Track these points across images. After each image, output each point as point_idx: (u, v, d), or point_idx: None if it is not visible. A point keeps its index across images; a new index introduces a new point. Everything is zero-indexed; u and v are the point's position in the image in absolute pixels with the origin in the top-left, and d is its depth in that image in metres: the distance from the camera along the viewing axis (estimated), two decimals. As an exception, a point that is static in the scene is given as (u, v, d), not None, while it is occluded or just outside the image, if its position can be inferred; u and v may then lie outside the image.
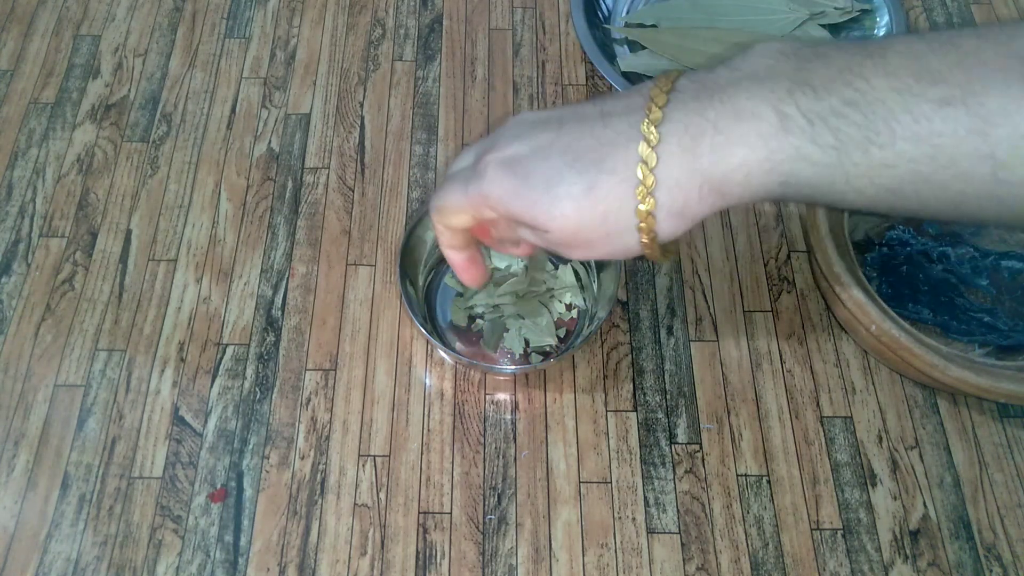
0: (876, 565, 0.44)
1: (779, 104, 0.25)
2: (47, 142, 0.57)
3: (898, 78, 0.24)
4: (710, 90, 0.27)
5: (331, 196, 0.55)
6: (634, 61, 0.61)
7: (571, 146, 0.28)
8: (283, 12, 0.63)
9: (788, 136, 0.25)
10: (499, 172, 0.29)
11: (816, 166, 0.25)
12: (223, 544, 0.44)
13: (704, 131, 0.26)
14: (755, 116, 0.25)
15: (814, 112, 0.25)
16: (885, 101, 0.24)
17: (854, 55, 0.25)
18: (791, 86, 0.25)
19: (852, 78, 0.25)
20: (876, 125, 0.24)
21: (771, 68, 0.26)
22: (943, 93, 0.24)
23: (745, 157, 0.26)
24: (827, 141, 0.25)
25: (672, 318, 0.51)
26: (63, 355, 0.49)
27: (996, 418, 0.48)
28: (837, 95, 0.25)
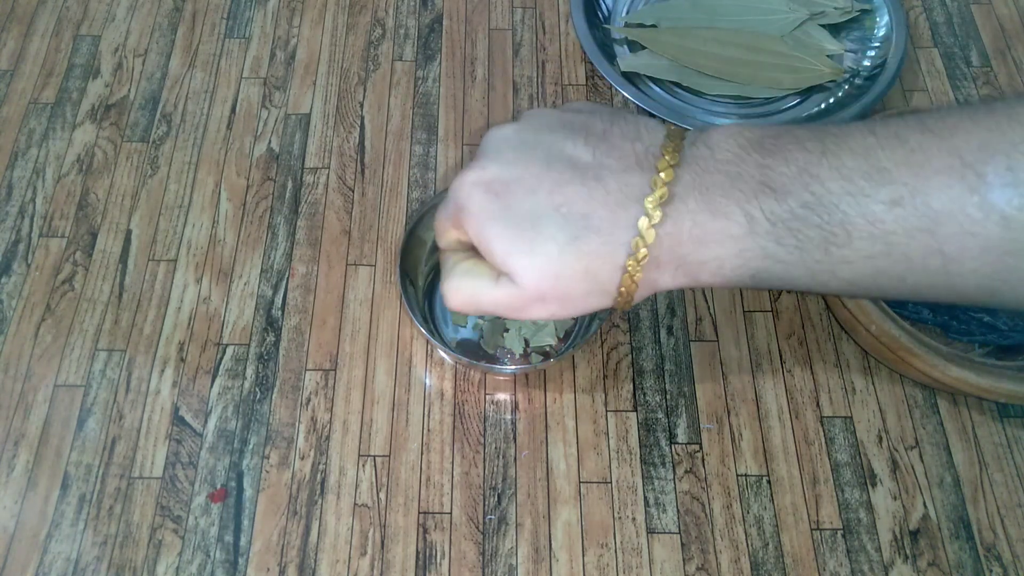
0: (876, 565, 0.44)
1: (746, 205, 0.27)
2: (47, 142, 0.57)
3: (851, 181, 0.26)
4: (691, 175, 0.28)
5: (331, 196, 0.55)
6: (634, 61, 0.61)
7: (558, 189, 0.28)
8: (283, 12, 0.63)
9: (755, 237, 0.27)
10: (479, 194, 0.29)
11: (781, 263, 0.27)
12: (223, 544, 0.44)
13: (685, 222, 0.27)
14: (727, 216, 0.27)
15: (776, 215, 0.27)
16: (839, 205, 0.26)
17: (811, 153, 0.27)
18: (756, 187, 0.27)
19: (809, 180, 0.26)
20: (833, 227, 0.26)
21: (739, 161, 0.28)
22: (892, 194, 0.25)
23: (718, 253, 0.28)
24: (789, 242, 0.27)
25: (672, 318, 0.51)
26: (63, 355, 0.49)
27: (996, 418, 0.48)
28: (796, 198, 0.26)
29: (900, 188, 0.25)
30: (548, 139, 0.30)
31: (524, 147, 0.30)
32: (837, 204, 0.26)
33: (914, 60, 0.62)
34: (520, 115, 0.33)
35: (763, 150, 0.28)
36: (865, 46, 0.61)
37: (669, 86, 0.61)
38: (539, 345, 0.49)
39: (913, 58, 0.62)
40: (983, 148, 0.25)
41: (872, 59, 0.60)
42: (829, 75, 0.59)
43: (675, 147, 0.28)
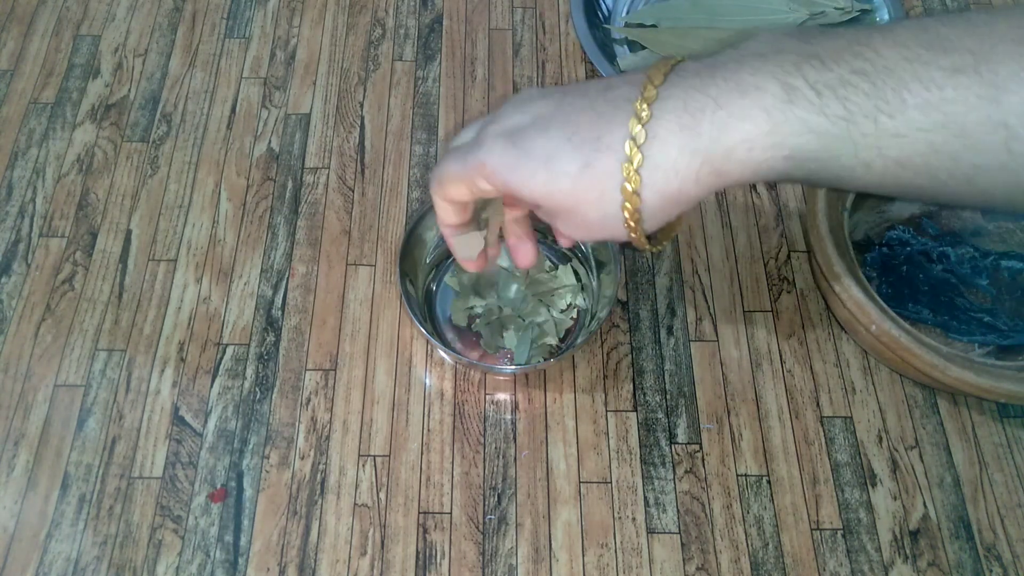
0: (876, 565, 0.44)
1: (785, 77, 0.25)
2: (47, 142, 0.57)
3: (908, 48, 0.24)
4: (712, 68, 0.26)
5: (331, 196, 0.55)
6: (634, 61, 0.61)
7: (570, 119, 0.27)
8: (283, 12, 0.63)
9: (794, 108, 0.25)
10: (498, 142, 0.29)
11: (823, 138, 0.25)
12: (223, 544, 0.44)
13: (704, 107, 0.25)
14: (759, 89, 0.25)
15: (822, 83, 0.24)
16: (895, 70, 0.24)
17: (862, 30, 0.25)
18: (798, 60, 0.25)
19: (861, 48, 0.24)
20: (886, 94, 0.24)
21: (777, 45, 0.26)
22: (955, 61, 0.23)
23: (748, 131, 0.25)
24: (835, 111, 0.24)
25: (672, 318, 0.51)
26: (63, 355, 0.49)
27: (996, 418, 0.48)
28: (846, 65, 0.24)
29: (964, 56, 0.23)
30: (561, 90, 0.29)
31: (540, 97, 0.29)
32: (892, 69, 0.24)
33: (914, 60, 0.62)
34: None
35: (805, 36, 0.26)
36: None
37: (669, 86, 0.61)
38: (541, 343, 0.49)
39: (913, 58, 0.62)
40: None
41: (872, 59, 0.60)
42: (829, 75, 0.59)
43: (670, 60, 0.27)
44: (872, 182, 0.26)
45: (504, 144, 0.28)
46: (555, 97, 0.29)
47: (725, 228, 0.54)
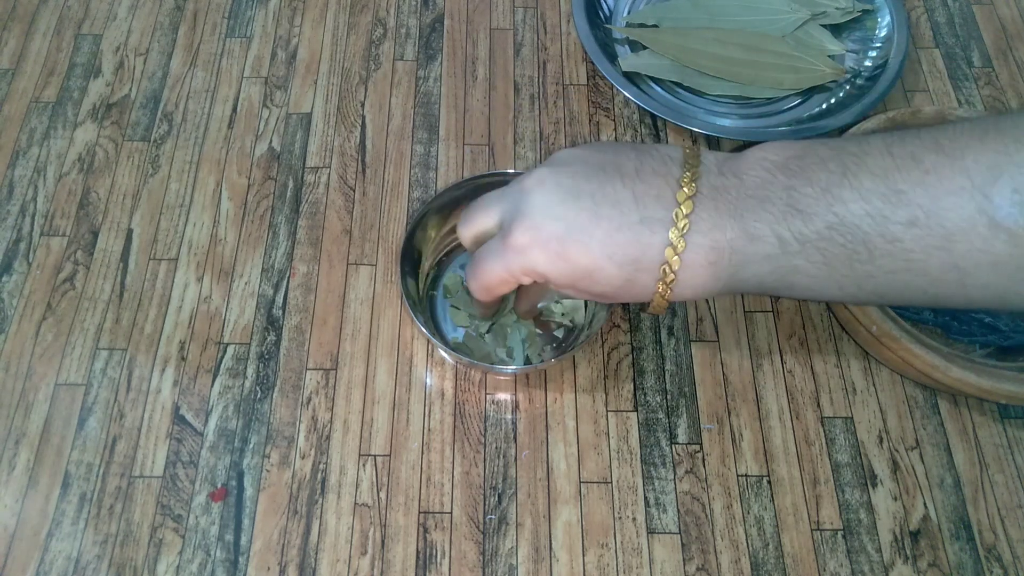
0: (876, 566, 0.44)
1: (778, 227, 0.30)
2: (48, 141, 0.57)
3: (869, 202, 0.28)
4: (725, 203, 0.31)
5: (332, 196, 0.55)
6: (635, 61, 0.61)
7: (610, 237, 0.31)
8: (284, 11, 0.63)
9: (788, 257, 0.30)
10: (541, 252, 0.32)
11: (812, 278, 0.30)
12: (223, 543, 0.44)
13: (723, 248, 0.31)
14: (762, 239, 0.30)
15: (804, 236, 0.29)
16: (860, 226, 0.28)
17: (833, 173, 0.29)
18: (785, 209, 0.29)
19: (832, 201, 0.29)
20: (856, 246, 0.29)
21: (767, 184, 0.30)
22: (909, 215, 0.27)
23: (757, 271, 0.31)
24: (818, 259, 0.29)
25: (673, 318, 0.51)
26: (64, 354, 0.49)
27: (997, 419, 0.48)
28: (821, 219, 0.29)
29: (915, 210, 0.27)
30: (589, 188, 0.32)
31: (571, 199, 0.32)
32: (859, 225, 0.28)
33: (915, 60, 0.62)
34: (550, 159, 0.35)
35: (788, 171, 0.30)
36: (866, 46, 0.61)
37: (670, 86, 0.61)
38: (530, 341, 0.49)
39: (915, 58, 0.62)
40: (991, 169, 0.26)
41: (873, 59, 0.60)
42: (830, 75, 0.59)
43: (692, 176, 0.31)
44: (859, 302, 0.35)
45: (547, 256, 0.32)
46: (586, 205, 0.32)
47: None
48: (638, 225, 0.31)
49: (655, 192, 0.31)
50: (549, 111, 0.59)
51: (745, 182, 0.31)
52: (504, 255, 0.34)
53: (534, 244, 0.32)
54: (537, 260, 0.32)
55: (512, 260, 0.33)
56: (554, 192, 0.32)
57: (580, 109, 0.59)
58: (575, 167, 0.33)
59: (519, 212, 0.33)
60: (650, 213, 0.31)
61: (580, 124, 0.59)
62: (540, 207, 0.32)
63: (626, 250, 0.31)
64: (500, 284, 0.35)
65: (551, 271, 0.33)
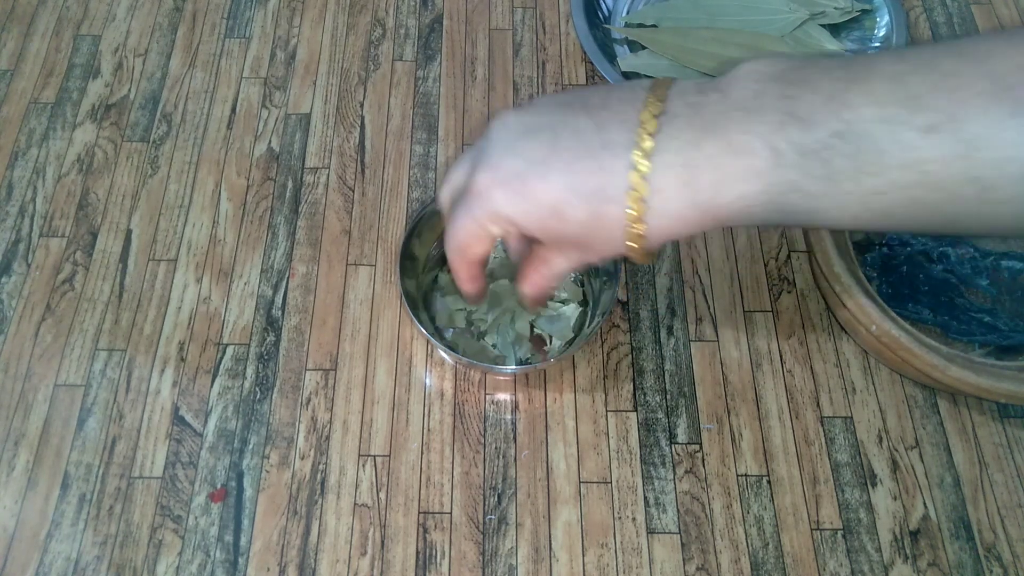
0: (876, 565, 0.44)
1: (771, 138, 0.26)
2: (47, 142, 0.57)
3: (883, 107, 0.25)
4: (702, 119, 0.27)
5: (331, 196, 0.55)
6: (634, 61, 0.61)
7: (570, 167, 0.29)
8: (283, 12, 0.63)
9: (782, 170, 0.26)
10: (501, 192, 0.30)
11: (810, 196, 0.26)
12: (223, 544, 0.44)
13: (701, 165, 0.27)
14: (750, 152, 0.26)
15: (805, 146, 0.26)
16: (872, 132, 0.25)
17: (839, 80, 0.26)
18: (781, 118, 0.26)
19: (839, 107, 0.25)
20: (866, 155, 0.25)
21: (758, 95, 0.27)
22: (927, 120, 0.25)
23: (743, 191, 0.27)
24: (819, 173, 0.26)
25: (672, 318, 0.51)
26: (63, 355, 0.49)
27: (996, 418, 0.48)
28: (826, 127, 0.25)
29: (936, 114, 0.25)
30: (550, 120, 0.30)
31: (530, 133, 0.30)
32: (870, 132, 0.25)
33: (914, 60, 0.62)
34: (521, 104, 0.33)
35: (785, 82, 0.27)
36: (865, 46, 0.61)
37: (669, 86, 0.61)
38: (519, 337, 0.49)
39: (913, 58, 0.62)
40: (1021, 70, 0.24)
41: (872, 59, 0.60)
42: (829, 75, 0.59)
43: (658, 96, 0.28)
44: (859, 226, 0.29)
45: (508, 194, 0.30)
46: (545, 137, 0.30)
47: (725, 229, 0.54)
48: (599, 150, 0.28)
49: (619, 118, 0.29)
50: (548, 111, 0.59)
51: (730, 95, 0.28)
52: (469, 205, 0.31)
53: (495, 184, 0.30)
54: (499, 201, 0.30)
55: (476, 207, 0.31)
56: (513, 130, 0.30)
57: (579, 109, 0.59)
58: (538, 106, 0.31)
59: (481, 157, 0.31)
60: (612, 137, 0.28)
61: (579, 124, 0.59)
62: (499, 145, 0.30)
63: (587, 179, 0.28)
64: (472, 240, 0.32)
65: (515, 212, 0.30)
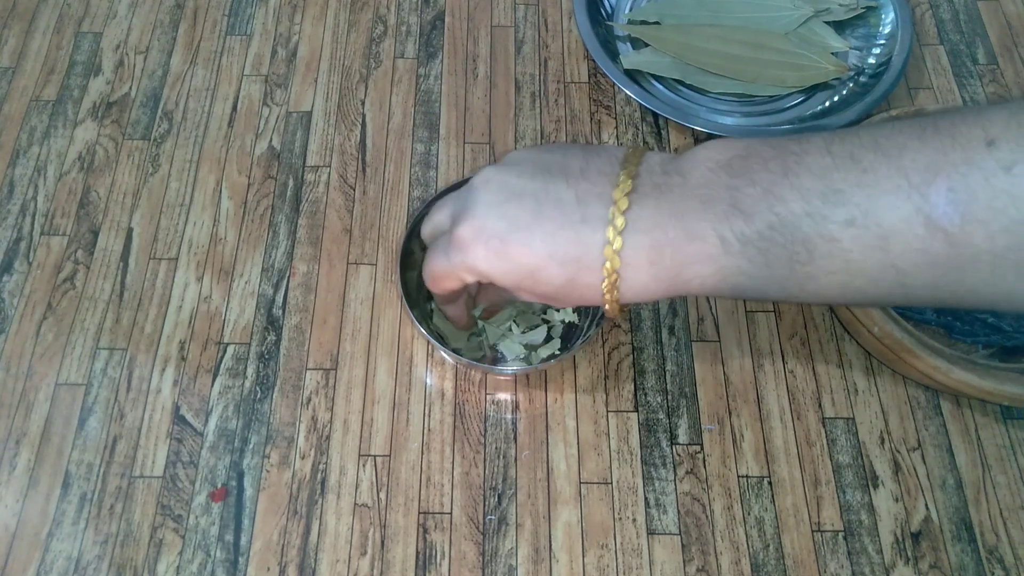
0: (877, 567, 0.44)
1: (719, 228, 0.29)
2: (48, 140, 0.57)
3: (809, 202, 0.28)
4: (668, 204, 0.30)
5: (332, 195, 0.55)
6: (637, 58, 0.60)
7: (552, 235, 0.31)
8: (284, 9, 0.63)
9: (730, 257, 0.29)
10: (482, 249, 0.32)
11: (753, 279, 0.30)
12: (223, 543, 0.44)
13: (664, 247, 0.30)
14: (703, 239, 0.29)
15: (745, 236, 0.29)
16: (800, 226, 0.28)
17: (774, 173, 0.29)
18: (727, 209, 0.29)
19: (773, 201, 0.28)
20: (795, 247, 0.28)
21: (710, 184, 0.30)
22: (847, 215, 0.27)
23: (699, 271, 0.30)
24: (759, 260, 0.29)
25: (674, 318, 0.51)
26: (64, 354, 0.49)
27: (999, 420, 0.48)
28: (762, 219, 0.28)
29: (853, 209, 0.27)
30: (532, 187, 0.32)
31: (514, 197, 0.32)
32: (798, 225, 0.28)
33: (920, 58, 0.62)
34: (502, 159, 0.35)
35: (731, 171, 0.30)
36: (870, 43, 0.60)
37: (672, 84, 0.60)
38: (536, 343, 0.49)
39: (919, 56, 0.62)
40: (928, 169, 0.26)
41: (877, 56, 0.59)
42: (834, 73, 0.59)
43: (629, 173, 0.31)
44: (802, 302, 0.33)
45: (488, 254, 0.32)
46: (528, 204, 0.32)
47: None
48: (579, 224, 0.31)
49: (598, 191, 0.31)
50: (550, 109, 0.59)
51: (689, 181, 0.31)
52: (448, 250, 0.34)
53: (476, 241, 0.32)
54: (478, 257, 0.32)
55: (455, 255, 0.33)
56: (499, 191, 0.32)
57: (581, 107, 0.59)
58: (522, 167, 0.33)
59: (464, 209, 0.33)
60: (591, 212, 0.31)
61: (581, 122, 0.58)
62: (484, 205, 0.32)
63: (567, 248, 0.31)
64: (445, 278, 0.35)
65: (493, 270, 0.32)
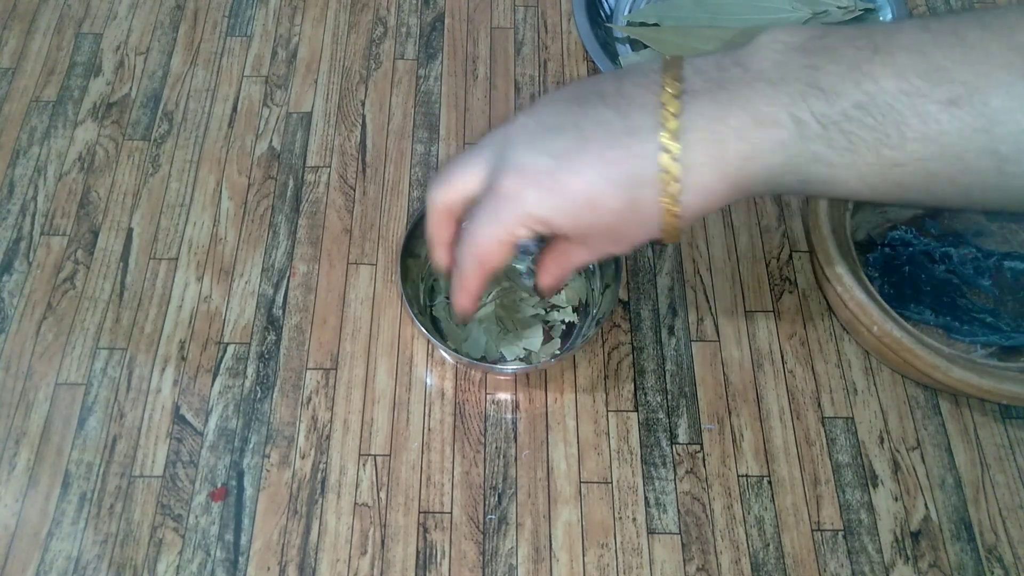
0: (877, 566, 0.44)
1: (794, 109, 0.26)
2: (49, 140, 0.57)
3: (905, 79, 0.25)
4: (726, 93, 0.28)
5: (332, 195, 0.55)
6: (636, 60, 0.60)
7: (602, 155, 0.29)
8: (285, 10, 0.63)
9: (805, 142, 0.27)
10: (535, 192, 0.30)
11: (832, 167, 0.27)
12: (223, 543, 0.44)
13: (727, 139, 0.27)
14: (775, 123, 0.27)
15: (827, 117, 0.26)
16: (894, 104, 0.25)
17: (862, 49, 0.26)
18: (804, 89, 0.26)
19: (861, 78, 0.26)
20: (886, 128, 0.26)
21: (781, 66, 0.27)
22: (949, 93, 0.25)
23: (768, 162, 0.28)
24: (841, 144, 0.26)
25: (673, 318, 0.51)
26: (64, 353, 0.49)
27: (998, 419, 0.48)
28: (848, 98, 0.26)
29: (958, 87, 0.25)
30: (569, 115, 0.30)
31: (552, 130, 0.30)
32: (892, 104, 0.25)
33: (917, 59, 0.62)
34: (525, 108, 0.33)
35: (807, 52, 0.27)
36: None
37: (671, 85, 0.60)
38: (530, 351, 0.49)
39: (916, 57, 0.62)
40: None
41: (875, 58, 0.60)
42: (832, 74, 0.59)
43: (673, 76, 0.29)
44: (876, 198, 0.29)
45: (540, 193, 0.30)
46: (570, 132, 0.29)
47: (727, 228, 0.54)
48: (626, 137, 0.28)
49: (639, 102, 0.29)
50: (550, 110, 0.59)
51: (751, 68, 0.28)
52: (497, 210, 0.31)
53: (525, 185, 0.30)
54: (531, 201, 0.30)
55: (505, 211, 0.30)
56: (535, 131, 0.30)
57: (581, 108, 0.59)
58: (553, 105, 0.31)
59: (503, 160, 0.31)
60: (636, 123, 0.28)
61: (581, 123, 0.59)
62: (524, 147, 0.30)
63: (620, 166, 0.29)
64: (498, 248, 0.31)
65: (549, 210, 0.30)
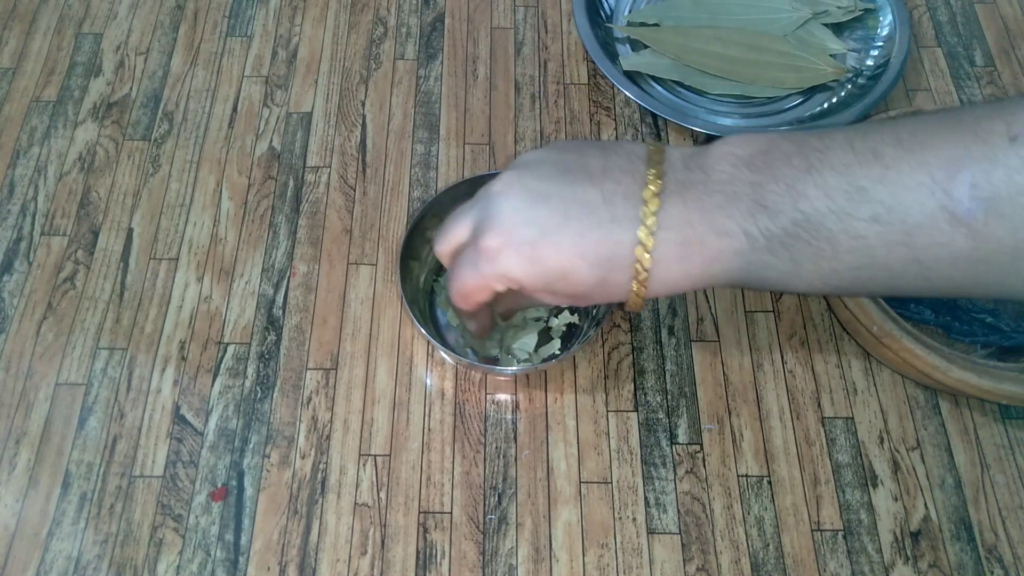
0: (877, 566, 0.44)
1: (745, 224, 0.30)
2: (49, 140, 0.57)
3: (833, 200, 0.28)
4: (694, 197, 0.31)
5: (332, 195, 0.55)
6: (636, 60, 0.60)
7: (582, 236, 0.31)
8: (285, 11, 0.63)
9: (755, 252, 0.30)
10: (514, 257, 0.32)
11: (779, 272, 0.31)
12: (224, 543, 0.44)
13: (693, 243, 0.31)
14: (730, 235, 0.30)
15: (771, 232, 0.30)
16: (824, 223, 0.29)
17: (797, 169, 0.29)
18: (752, 205, 0.30)
19: (798, 198, 0.29)
20: (820, 243, 0.29)
21: (733, 180, 0.30)
22: (871, 211, 0.28)
23: (727, 266, 0.31)
24: (784, 256, 0.30)
25: (673, 318, 0.51)
26: (64, 353, 0.49)
27: (998, 419, 0.48)
28: (786, 216, 0.29)
29: (877, 206, 0.28)
30: (556, 189, 0.32)
31: (540, 201, 0.32)
32: (823, 222, 0.29)
33: (917, 59, 0.62)
34: (516, 161, 0.35)
35: (754, 167, 0.30)
36: (868, 45, 0.61)
37: (671, 85, 0.61)
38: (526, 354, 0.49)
39: (916, 57, 0.62)
40: (951, 164, 0.27)
41: (875, 58, 0.60)
42: (832, 74, 0.59)
43: (657, 173, 0.32)
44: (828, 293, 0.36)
45: (519, 260, 0.32)
46: (556, 207, 0.32)
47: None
48: (609, 224, 0.31)
49: (623, 190, 0.31)
50: (550, 110, 0.59)
51: (712, 177, 0.31)
52: (477, 262, 0.34)
53: (506, 248, 0.32)
54: (510, 265, 0.32)
55: (485, 266, 0.33)
56: (522, 196, 0.32)
57: (581, 108, 0.59)
58: (541, 169, 0.33)
59: (488, 218, 0.33)
60: (619, 212, 0.31)
61: (581, 123, 0.59)
62: (509, 211, 0.32)
63: (598, 249, 0.31)
64: (476, 291, 0.35)
65: (524, 275, 0.33)
